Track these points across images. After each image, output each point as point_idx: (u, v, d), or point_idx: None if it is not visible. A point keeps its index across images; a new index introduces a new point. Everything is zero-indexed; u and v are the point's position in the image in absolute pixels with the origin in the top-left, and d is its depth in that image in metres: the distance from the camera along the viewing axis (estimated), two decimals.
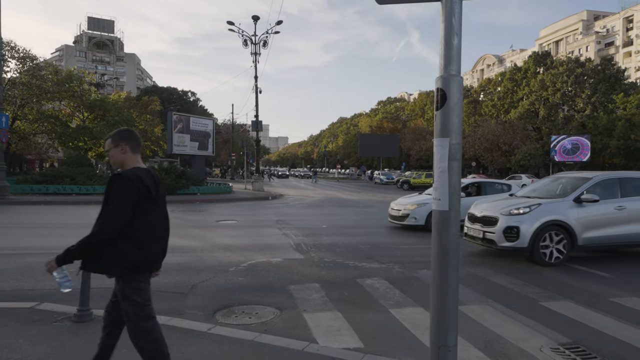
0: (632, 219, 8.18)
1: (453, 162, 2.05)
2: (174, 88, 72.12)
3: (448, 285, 2.34)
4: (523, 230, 7.72)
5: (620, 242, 8.29)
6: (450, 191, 2.05)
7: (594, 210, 8.03)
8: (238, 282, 6.36)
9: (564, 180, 9.11)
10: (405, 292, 5.91)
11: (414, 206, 12.14)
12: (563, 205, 8.06)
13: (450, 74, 2.10)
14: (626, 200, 8.31)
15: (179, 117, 25.71)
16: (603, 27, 70.91)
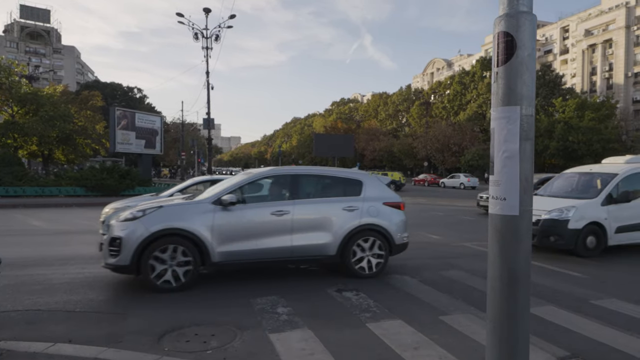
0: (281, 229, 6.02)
1: (526, 143, 1.43)
2: (119, 84, 68.26)
3: (517, 330, 1.60)
4: (125, 242, 5.51)
5: (260, 258, 6.04)
6: (522, 187, 1.43)
7: (232, 216, 5.91)
8: (190, 296, 5.50)
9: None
10: (379, 302, 5.32)
11: None
12: (196, 208, 5.86)
13: (519, 10, 1.46)
14: (285, 203, 6.19)
15: (123, 113, 23.93)
16: (542, 35, 74.94)
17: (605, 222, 8.39)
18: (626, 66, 57.70)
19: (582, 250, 8.26)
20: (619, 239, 8.53)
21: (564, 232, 8.18)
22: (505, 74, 1.47)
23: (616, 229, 8.46)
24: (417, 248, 9.26)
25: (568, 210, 8.33)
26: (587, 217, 8.26)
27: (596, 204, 8.48)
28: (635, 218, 8.58)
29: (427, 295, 5.67)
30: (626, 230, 8.55)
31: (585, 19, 63.89)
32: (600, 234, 8.38)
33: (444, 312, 4.96)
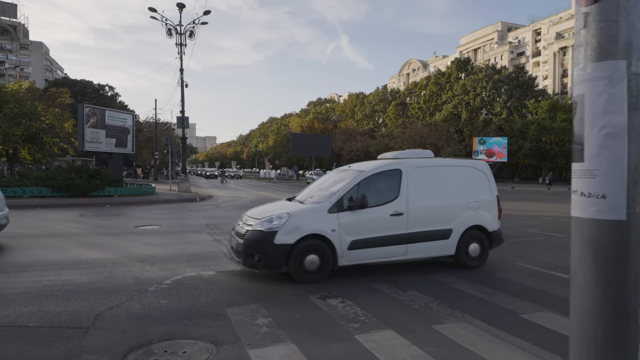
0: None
1: (636, 115, 1.01)
2: (89, 81, 65.98)
3: None
4: None
5: None
6: (632, 178, 0.99)
7: None
8: (159, 307, 5.00)
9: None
10: (366, 309, 4.95)
11: None
12: None
13: None
14: None
15: (92, 110, 22.87)
16: (515, 38, 76.58)
17: (333, 234, 6.26)
18: None
19: (298, 275, 6.09)
20: (356, 257, 6.40)
21: (268, 249, 6.04)
22: (603, 13, 1.02)
23: (350, 243, 6.31)
24: None
25: (280, 218, 6.23)
26: (303, 229, 6.16)
27: (322, 210, 6.38)
28: (377, 229, 6.51)
29: (415, 301, 5.34)
30: (365, 245, 6.41)
31: (556, 22, 65.54)
32: (325, 251, 6.20)
33: (436, 321, 4.63)
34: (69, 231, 11.14)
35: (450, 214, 7.08)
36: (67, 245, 8.86)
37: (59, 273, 6.44)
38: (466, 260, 7.12)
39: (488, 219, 7.34)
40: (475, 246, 7.21)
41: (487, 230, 7.29)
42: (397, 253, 6.67)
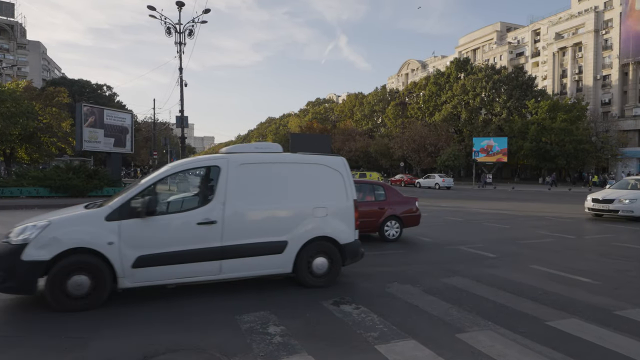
0: None
1: None
2: (87, 81, 65.70)
3: None
4: None
5: None
6: None
7: None
8: (167, 313, 4.72)
9: None
10: (385, 317, 4.68)
11: None
12: None
13: None
14: None
15: (91, 110, 22.55)
16: (514, 38, 76.39)
17: (110, 248, 4.88)
18: (595, 69, 59.29)
19: (59, 302, 4.72)
20: (144, 276, 5.05)
21: (16, 266, 4.69)
22: None
23: (136, 260, 4.97)
24: (411, 252, 8.73)
25: (35, 227, 4.89)
26: (63, 241, 4.78)
27: (97, 217, 5.02)
28: (178, 242, 5.17)
29: (435, 307, 5.07)
30: (158, 262, 5.08)
31: (555, 23, 65.38)
32: (98, 270, 4.84)
33: (459, 329, 4.36)
34: None
35: (287, 222, 5.76)
36: None
37: None
38: (309, 279, 5.79)
39: (340, 228, 6.02)
40: (322, 261, 5.87)
41: (338, 243, 5.97)
42: (207, 271, 5.29)
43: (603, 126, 53.13)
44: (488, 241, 10.01)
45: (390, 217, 9.92)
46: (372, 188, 10.34)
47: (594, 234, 11.45)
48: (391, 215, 9.93)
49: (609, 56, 58.37)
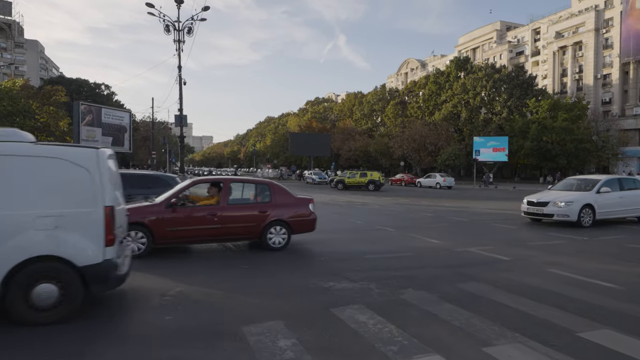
0: None
1: None
2: (85, 80, 65.21)
3: None
4: None
5: None
6: None
7: None
8: (164, 325, 4.38)
9: None
10: (403, 328, 4.35)
11: None
12: None
13: None
14: None
15: (88, 108, 22.19)
16: (514, 37, 76.15)
17: None
18: (595, 68, 59.07)
19: None
20: None
21: None
22: None
23: None
24: (420, 255, 8.40)
25: None
26: None
27: None
28: None
29: (454, 316, 4.74)
30: None
31: (555, 22, 65.14)
32: None
33: (485, 342, 4.03)
34: None
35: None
36: None
37: None
38: (27, 314, 4.31)
39: (78, 245, 4.53)
40: (49, 289, 4.38)
41: (73, 264, 4.46)
42: None
43: (604, 125, 52.92)
44: (498, 243, 9.69)
45: (274, 222, 8.43)
46: (255, 188, 8.81)
47: (604, 236, 11.13)
48: (276, 220, 8.44)
49: (610, 55, 58.15)
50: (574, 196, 12.68)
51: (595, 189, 12.75)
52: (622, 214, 13.34)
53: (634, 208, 13.36)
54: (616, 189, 13.07)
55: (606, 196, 12.68)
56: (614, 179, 13.69)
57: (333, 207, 19.01)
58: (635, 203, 13.27)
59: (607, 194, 12.72)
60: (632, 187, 13.55)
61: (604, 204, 12.57)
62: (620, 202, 12.94)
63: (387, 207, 19.52)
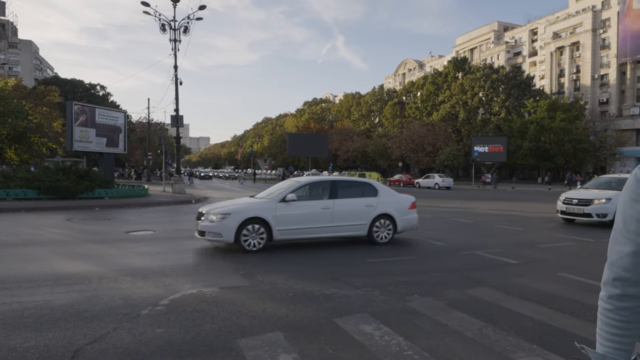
0: None
1: None
2: (80, 80, 64.82)
3: None
4: None
5: None
6: None
7: None
8: (155, 339, 4.03)
9: None
10: (413, 340, 4.02)
11: None
12: None
13: None
14: None
15: (82, 108, 21.76)
16: (512, 37, 76.08)
17: None
18: (593, 68, 59.01)
19: None
20: None
21: None
22: None
23: None
24: (424, 258, 8.08)
25: None
26: None
27: None
28: None
29: (466, 326, 4.42)
30: None
31: (553, 22, 65.07)
32: None
33: (503, 355, 3.71)
34: (52, 238, 10.11)
35: None
36: (48, 256, 7.85)
37: (35, 292, 5.45)
38: None
39: None
40: None
41: None
42: None
43: (601, 125, 52.86)
44: (505, 245, 9.37)
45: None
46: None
47: None
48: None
49: (607, 55, 58.10)
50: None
51: None
52: None
53: None
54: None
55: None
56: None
57: None
58: None
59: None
60: None
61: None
62: None
63: None
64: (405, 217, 9.38)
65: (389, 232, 9.19)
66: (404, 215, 9.36)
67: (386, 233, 9.17)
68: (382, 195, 9.29)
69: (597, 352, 1.26)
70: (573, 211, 12.58)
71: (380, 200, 9.18)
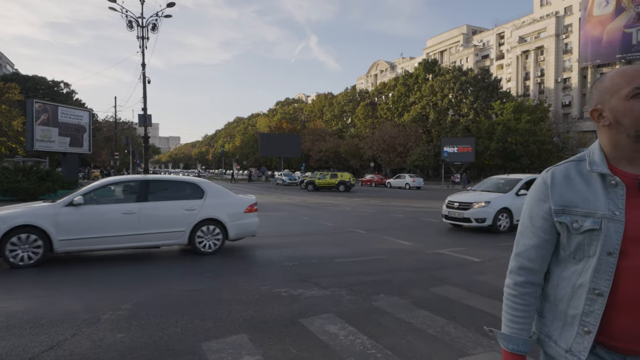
0: None
1: None
2: (42, 77, 62.28)
3: None
4: None
5: None
6: None
7: None
8: (115, 344, 3.94)
9: None
10: (376, 339, 4.08)
11: None
12: None
13: None
14: None
15: (43, 106, 20.97)
16: (480, 41, 78.14)
17: None
18: (556, 72, 61.30)
19: None
20: None
21: None
22: None
23: None
24: (392, 258, 8.19)
25: None
26: None
27: None
28: None
29: (429, 324, 4.52)
30: None
31: (519, 27, 67.21)
32: None
33: (462, 351, 3.81)
34: None
35: None
36: None
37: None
38: None
39: None
40: None
41: None
42: None
43: (564, 127, 54.98)
44: (468, 244, 9.63)
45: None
46: None
47: None
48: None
49: (569, 60, 60.49)
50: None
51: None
52: None
53: None
54: None
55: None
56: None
57: (303, 209, 18.70)
58: None
59: None
60: None
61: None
62: None
63: (357, 209, 19.37)
64: (239, 223, 8.26)
65: (217, 240, 8.04)
66: (238, 220, 8.24)
67: (213, 241, 8.01)
68: (209, 197, 8.14)
69: (503, 332, 1.42)
70: (454, 215, 11.74)
71: (207, 202, 8.03)
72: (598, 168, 1.31)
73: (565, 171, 1.37)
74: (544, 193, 1.38)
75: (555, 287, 1.40)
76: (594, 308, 1.28)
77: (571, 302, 1.34)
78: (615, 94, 1.30)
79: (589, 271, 1.30)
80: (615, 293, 1.26)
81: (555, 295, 1.39)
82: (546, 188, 1.37)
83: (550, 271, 1.43)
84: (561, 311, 1.37)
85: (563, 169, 1.39)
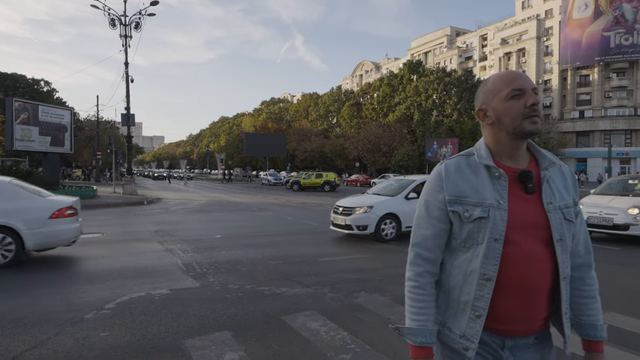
0: None
1: None
2: (22, 75, 61.00)
3: None
4: None
5: None
6: None
7: None
8: (99, 342, 3.98)
9: None
10: (356, 335, 4.20)
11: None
12: None
13: None
14: None
15: (23, 105, 20.60)
16: (464, 42, 79.15)
17: None
18: (537, 74, 62.47)
19: None
20: None
21: None
22: None
23: None
24: (375, 256, 8.35)
25: None
26: None
27: None
28: None
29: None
30: None
31: (501, 29, 68.30)
32: None
33: None
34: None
35: None
36: None
37: None
38: None
39: None
40: None
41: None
42: None
43: (545, 128, 56.07)
44: None
45: None
46: None
47: None
48: None
49: (550, 62, 61.72)
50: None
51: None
52: None
53: None
54: None
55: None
56: None
57: (288, 209, 18.77)
58: None
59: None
60: None
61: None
62: None
63: None
64: (42, 230, 7.04)
65: (6, 251, 6.82)
66: (40, 227, 7.02)
67: (2, 252, 6.81)
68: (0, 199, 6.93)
69: (410, 327, 1.45)
70: (337, 222, 10.34)
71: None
72: (484, 161, 1.42)
73: (457, 164, 1.47)
74: (438, 184, 1.46)
75: (448, 276, 1.47)
76: (484, 292, 1.36)
77: (463, 288, 1.41)
78: (496, 95, 1.43)
79: (479, 258, 1.38)
80: (501, 277, 1.36)
81: (449, 284, 1.46)
82: (441, 179, 1.45)
83: (444, 261, 1.49)
84: (454, 299, 1.44)
85: (455, 162, 1.48)
